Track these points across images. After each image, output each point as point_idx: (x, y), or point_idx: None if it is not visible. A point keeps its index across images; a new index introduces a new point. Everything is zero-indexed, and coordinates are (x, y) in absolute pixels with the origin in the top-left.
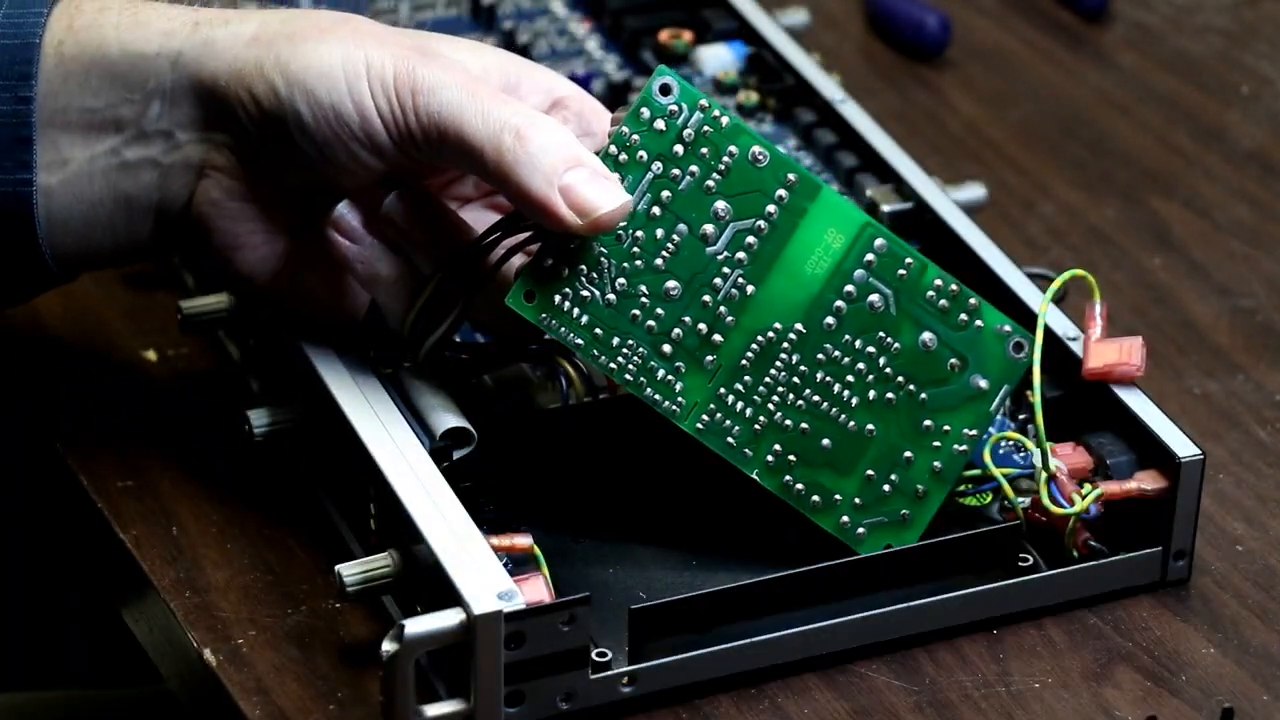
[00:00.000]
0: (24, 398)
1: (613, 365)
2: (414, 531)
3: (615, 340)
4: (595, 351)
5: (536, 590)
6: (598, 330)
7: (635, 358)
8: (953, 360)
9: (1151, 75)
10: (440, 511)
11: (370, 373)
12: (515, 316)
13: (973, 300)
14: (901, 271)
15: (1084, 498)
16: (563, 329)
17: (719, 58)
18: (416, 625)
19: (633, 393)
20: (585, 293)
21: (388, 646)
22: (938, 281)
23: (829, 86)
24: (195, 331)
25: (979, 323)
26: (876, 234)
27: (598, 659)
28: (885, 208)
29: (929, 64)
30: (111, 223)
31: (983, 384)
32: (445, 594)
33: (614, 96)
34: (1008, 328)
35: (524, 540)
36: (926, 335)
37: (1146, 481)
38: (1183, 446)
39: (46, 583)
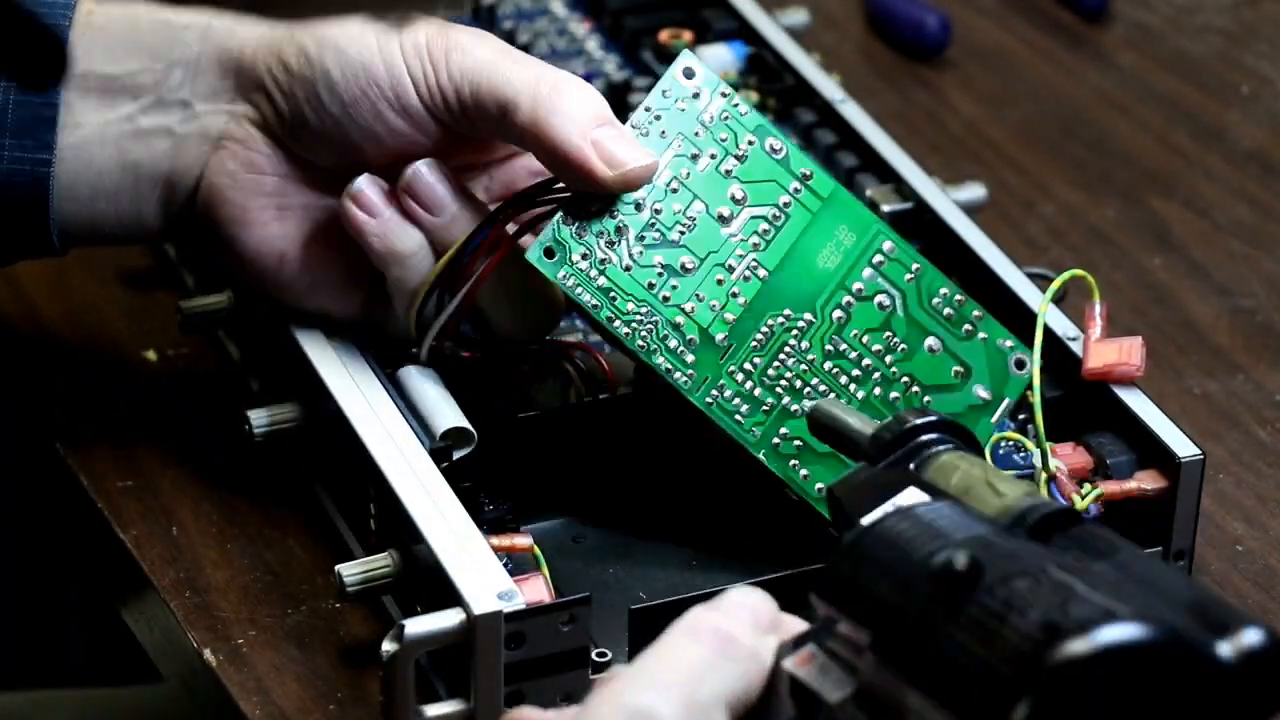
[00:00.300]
0: (24, 397)
1: (626, 330)
2: (414, 531)
3: (630, 305)
4: (609, 315)
5: (536, 590)
6: (613, 294)
7: (649, 324)
8: (956, 368)
9: (1151, 75)
10: (440, 511)
11: (370, 373)
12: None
13: (976, 312)
14: (909, 276)
15: (1084, 497)
16: (579, 289)
17: (719, 58)
18: (416, 625)
19: (643, 359)
20: (603, 256)
21: (388, 646)
22: (943, 290)
23: (829, 86)
24: (195, 331)
25: (982, 335)
26: (887, 237)
27: (598, 659)
28: (885, 208)
29: (929, 64)
30: (117, 192)
31: (984, 395)
32: (445, 594)
33: (614, 96)
34: (1010, 343)
35: (524, 540)
36: (931, 340)
37: (1146, 481)
38: (1183, 446)
39: (45, 582)
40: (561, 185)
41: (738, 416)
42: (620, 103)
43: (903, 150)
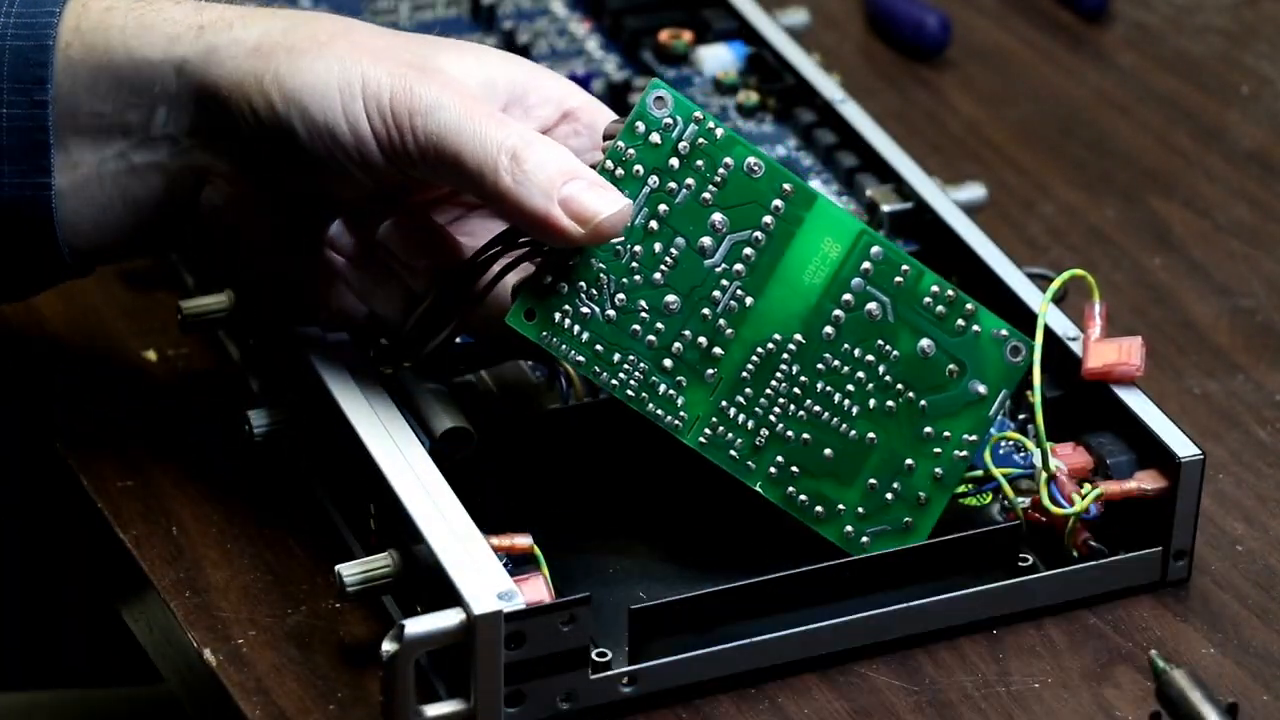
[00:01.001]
0: (24, 397)
1: (614, 381)
2: (414, 531)
3: (616, 356)
4: (596, 368)
5: (536, 590)
6: (598, 347)
7: (636, 373)
8: (951, 366)
9: (1151, 75)
10: (440, 511)
11: (370, 373)
12: (513, 333)
13: (969, 305)
14: (898, 279)
15: (1084, 498)
16: (563, 346)
17: (719, 58)
18: (416, 625)
19: (635, 409)
20: (585, 309)
21: (388, 646)
22: (934, 287)
23: (829, 86)
24: (195, 331)
25: (976, 327)
26: (873, 242)
27: (598, 659)
28: (885, 208)
29: (929, 64)
30: (120, 223)
31: (981, 389)
32: (445, 594)
33: (614, 97)
34: (1004, 332)
35: (524, 540)
36: (924, 342)
37: (1146, 481)
38: (1183, 446)
39: (45, 582)
40: None
41: (731, 452)
42: (620, 103)
43: (903, 150)
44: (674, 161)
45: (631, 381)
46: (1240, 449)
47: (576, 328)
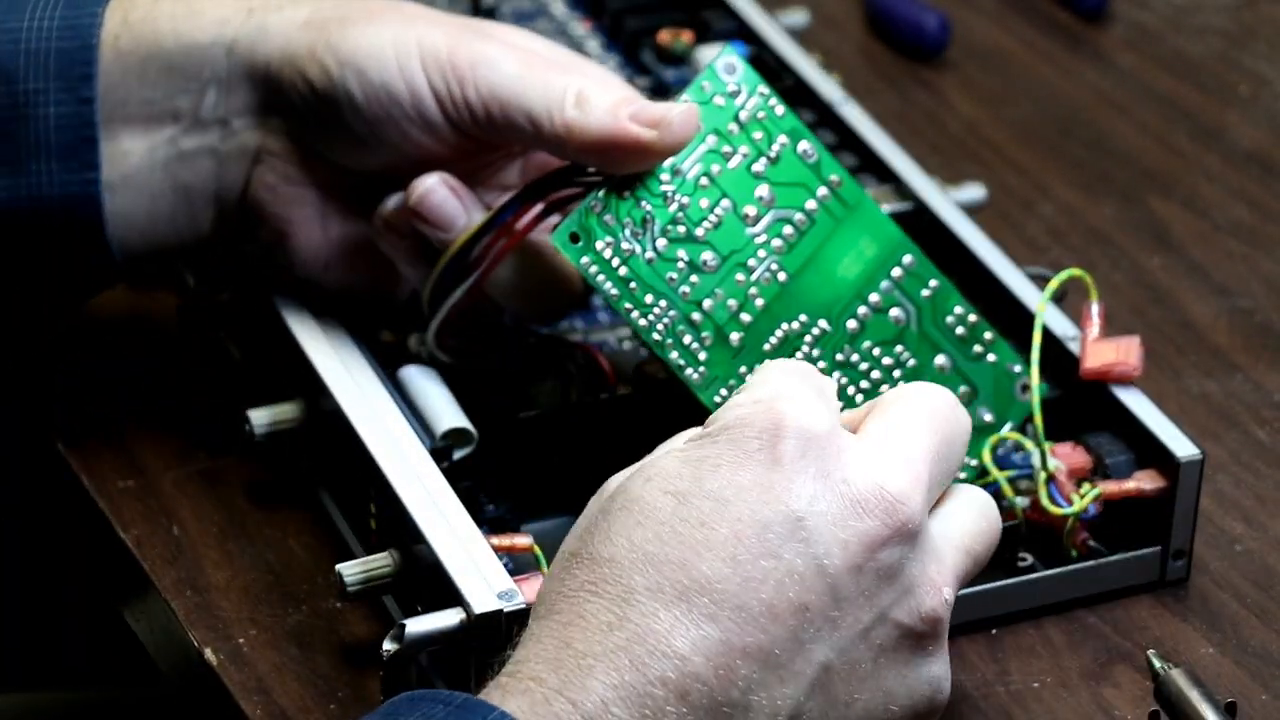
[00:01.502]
0: (24, 397)
1: (643, 322)
2: (414, 531)
3: (649, 298)
4: (628, 305)
5: (536, 590)
6: (633, 284)
7: (666, 319)
8: (964, 388)
9: (1150, 75)
10: (440, 511)
11: (370, 373)
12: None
13: (989, 334)
14: (926, 292)
15: (1082, 497)
16: (600, 276)
17: None
18: (417, 625)
19: (657, 353)
20: (627, 245)
21: (388, 646)
22: (958, 309)
23: (829, 87)
24: (195, 331)
25: (992, 357)
26: (907, 251)
27: None
28: (885, 208)
29: (929, 64)
30: (173, 214)
31: (988, 418)
32: (445, 594)
33: None
34: (1018, 368)
35: (524, 540)
36: (941, 358)
37: (1145, 481)
38: (1182, 446)
39: (45, 582)
40: (591, 170)
41: None
42: None
43: (903, 150)
44: (733, 127)
45: (660, 325)
46: (1239, 449)
47: (616, 260)
